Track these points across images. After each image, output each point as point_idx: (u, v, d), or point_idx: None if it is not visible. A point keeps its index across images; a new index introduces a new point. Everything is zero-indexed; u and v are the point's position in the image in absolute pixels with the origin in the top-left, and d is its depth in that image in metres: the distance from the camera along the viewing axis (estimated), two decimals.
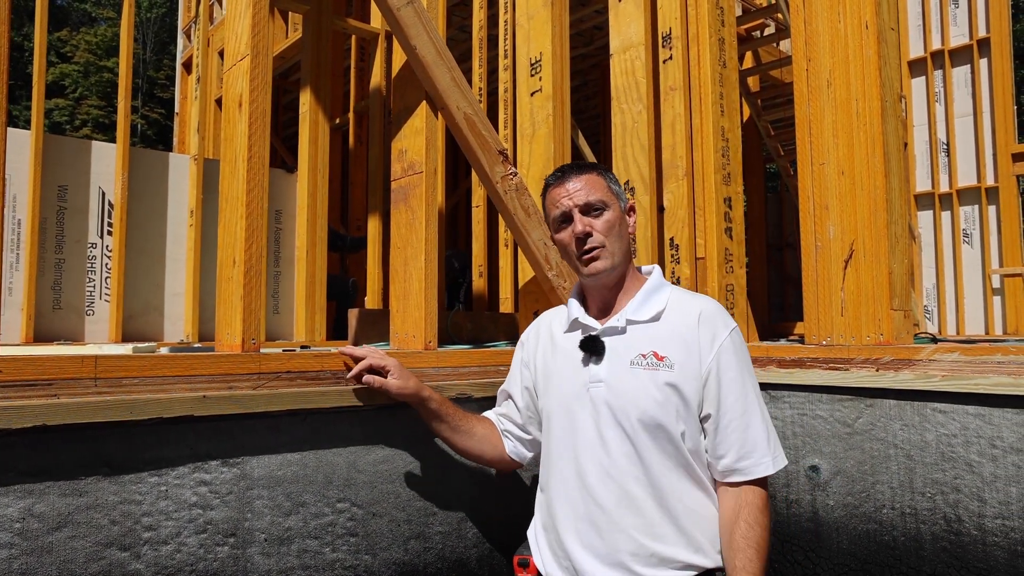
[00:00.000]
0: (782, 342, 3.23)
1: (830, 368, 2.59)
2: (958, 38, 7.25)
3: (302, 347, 3.52)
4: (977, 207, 6.91)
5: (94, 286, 3.68)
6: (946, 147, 7.16)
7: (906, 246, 2.64)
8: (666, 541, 1.58)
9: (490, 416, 1.97)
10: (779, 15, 5.42)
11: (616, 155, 3.02)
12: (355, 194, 5.00)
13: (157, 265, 3.83)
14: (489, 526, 2.35)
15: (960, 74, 7.26)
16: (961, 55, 7.23)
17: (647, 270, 1.81)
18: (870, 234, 2.60)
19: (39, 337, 3.56)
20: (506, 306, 4.07)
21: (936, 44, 7.38)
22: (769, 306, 6.72)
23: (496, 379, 2.36)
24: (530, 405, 1.89)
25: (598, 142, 7.08)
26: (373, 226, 4.21)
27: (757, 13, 5.56)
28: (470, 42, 4.31)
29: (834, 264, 2.68)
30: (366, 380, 1.87)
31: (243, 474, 1.92)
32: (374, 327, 3.78)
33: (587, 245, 1.66)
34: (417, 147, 2.26)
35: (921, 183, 7.27)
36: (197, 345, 3.35)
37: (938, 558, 2.33)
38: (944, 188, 7.12)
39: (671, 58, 3.05)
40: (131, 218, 3.72)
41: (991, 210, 6.85)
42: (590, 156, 4.77)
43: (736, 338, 1.68)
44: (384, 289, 4.04)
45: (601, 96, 6.74)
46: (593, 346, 1.67)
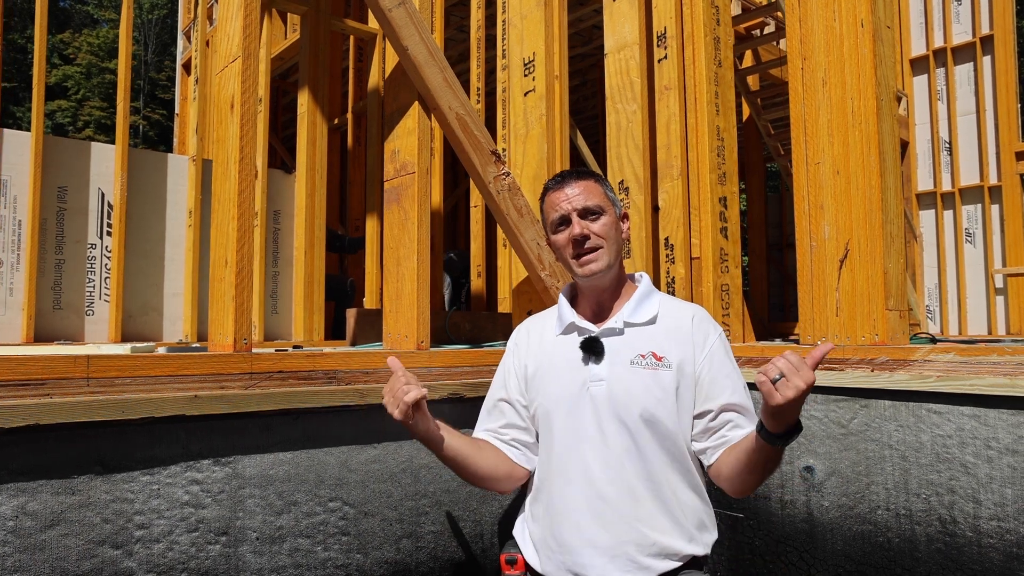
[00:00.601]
0: (777, 342, 3.22)
1: (825, 368, 2.59)
2: (961, 35, 7.22)
3: (294, 347, 3.53)
4: (980, 206, 6.88)
5: (94, 286, 3.70)
6: (948, 146, 7.13)
7: (901, 246, 2.64)
8: (665, 532, 1.64)
9: (484, 436, 1.87)
10: (779, 13, 5.41)
11: (611, 155, 3.02)
12: (354, 194, 5.01)
13: (156, 266, 3.85)
14: (481, 525, 2.35)
15: (963, 72, 7.23)
16: (964, 52, 7.20)
17: (636, 277, 1.86)
18: (865, 234, 2.60)
19: (40, 337, 3.58)
20: (504, 306, 4.07)
21: (938, 42, 7.35)
22: (769, 306, 6.71)
23: (488, 379, 2.36)
24: (525, 412, 1.89)
25: (598, 142, 7.07)
26: (371, 226, 4.22)
27: (757, 12, 5.55)
28: (468, 42, 4.30)
29: (829, 264, 2.67)
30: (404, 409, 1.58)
31: (235, 473, 1.93)
32: (372, 327, 3.79)
33: (584, 247, 1.71)
34: (410, 147, 2.27)
35: (923, 182, 7.25)
36: (195, 345, 3.37)
37: (933, 560, 2.32)
38: (946, 187, 7.10)
39: (666, 57, 3.05)
40: (130, 219, 3.73)
41: (994, 209, 6.82)
42: (589, 156, 4.76)
43: (724, 340, 1.79)
44: (383, 289, 4.05)
45: (600, 96, 6.74)
46: (593, 347, 1.72)
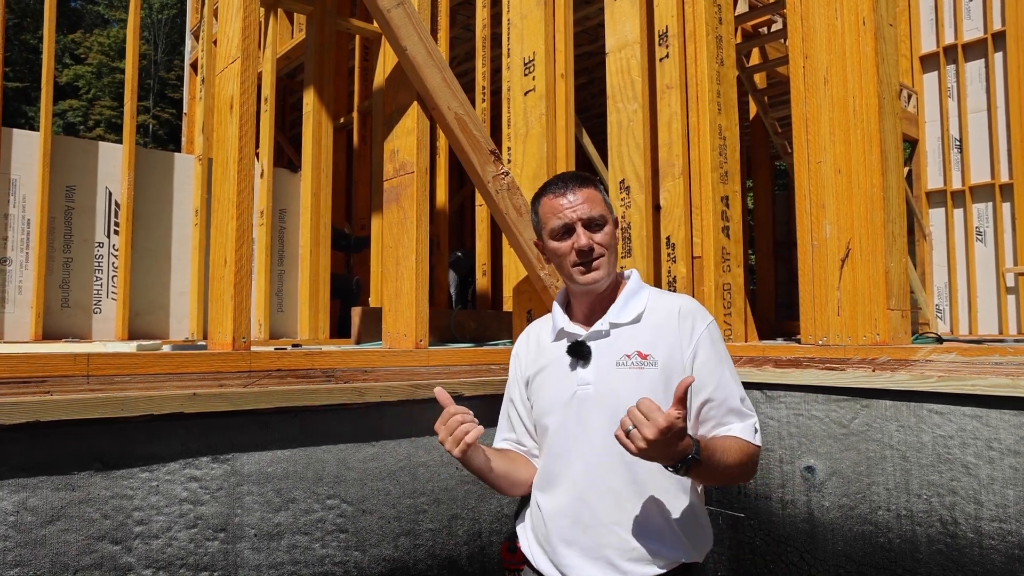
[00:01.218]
0: (779, 341, 3.21)
1: (826, 368, 2.58)
2: (972, 32, 7.15)
3: (293, 345, 3.55)
4: (991, 204, 6.82)
5: (101, 285, 3.74)
6: (959, 143, 7.07)
7: (903, 245, 2.62)
8: (649, 537, 1.62)
9: (506, 446, 1.89)
10: (785, 11, 5.38)
11: (612, 153, 3.02)
12: (359, 193, 5.03)
13: (163, 264, 3.88)
14: (479, 524, 2.36)
15: (974, 68, 7.16)
16: (975, 49, 7.13)
17: (626, 274, 1.84)
18: (867, 233, 2.59)
19: (48, 335, 3.62)
20: (509, 305, 4.08)
21: (949, 38, 7.28)
22: (777, 304, 6.68)
23: (488, 377, 2.37)
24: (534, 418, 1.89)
25: (604, 140, 7.07)
26: (377, 225, 4.23)
27: (764, 9, 5.52)
28: (474, 41, 4.31)
29: (830, 263, 2.66)
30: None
31: (233, 470, 1.94)
32: (377, 326, 3.80)
33: (590, 257, 1.70)
34: (408, 147, 2.28)
35: (933, 180, 7.19)
36: (200, 343, 3.39)
37: (934, 561, 2.31)
38: (957, 185, 7.03)
39: (668, 56, 3.04)
40: (137, 218, 3.77)
41: (1005, 207, 6.75)
42: (595, 155, 4.76)
43: (713, 330, 1.73)
44: (382, 288, 4.06)
45: (606, 94, 6.71)
46: (579, 351, 1.72)
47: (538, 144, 2.73)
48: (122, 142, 3.85)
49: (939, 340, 3.16)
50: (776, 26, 5.78)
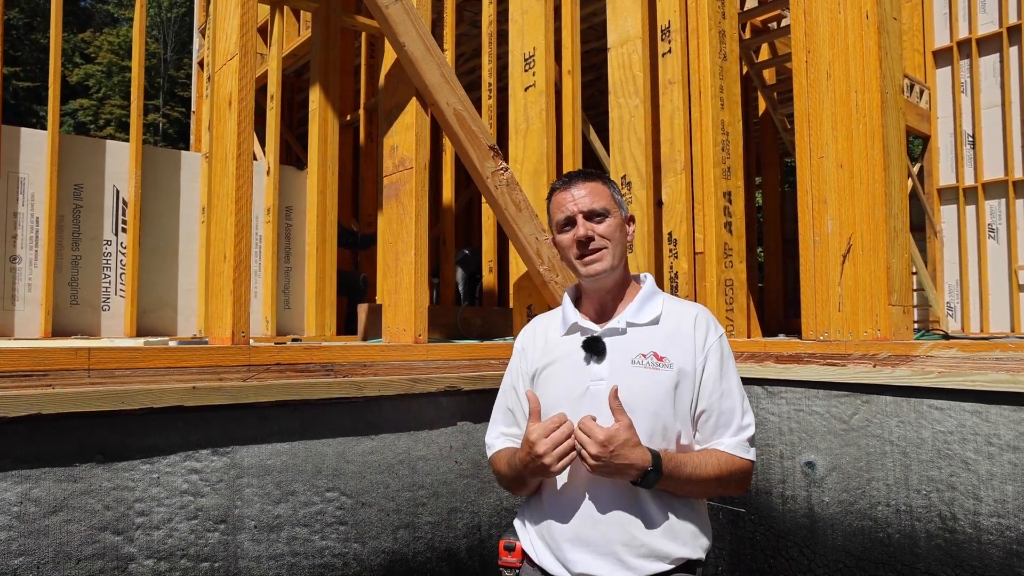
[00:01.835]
0: (780, 337, 3.21)
1: (827, 364, 2.57)
2: (987, 26, 7.07)
3: (293, 340, 3.58)
4: (1004, 201, 6.74)
5: (109, 282, 3.78)
6: (972, 139, 7.00)
7: (905, 241, 2.61)
8: (656, 534, 1.64)
9: (506, 443, 1.88)
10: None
11: (613, 149, 3.02)
12: (366, 190, 5.05)
13: (170, 261, 3.92)
14: (479, 517, 2.38)
15: (988, 63, 7.08)
16: (990, 43, 7.04)
17: (641, 278, 1.86)
18: (868, 228, 2.58)
19: (57, 332, 3.67)
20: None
21: (963, 33, 7.19)
22: (786, 302, 6.65)
23: (487, 372, 2.39)
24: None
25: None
26: (383, 222, 4.25)
27: (773, 4, 5.49)
28: (481, 37, 4.32)
29: (832, 259, 2.65)
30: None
31: (233, 463, 1.97)
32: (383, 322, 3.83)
33: (588, 248, 1.72)
34: (408, 143, 2.29)
35: (945, 177, 7.12)
36: (207, 339, 3.43)
37: (932, 556, 2.30)
38: (969, 181, 6.96)
39: (670, 51, 3.04)
40: (145, 216, 3.81)
41: (1019, 204, 6.68)
42: (601, 151, 4.76)
43: (724, 343, 1.78)
44: (382, 284, 4.08)
45: None
46: (595, 346, 1.73)
47: (538, 140, 2.74)
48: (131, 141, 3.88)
49: (946, 337, 3.14)
50: (785, 21, 5.76)
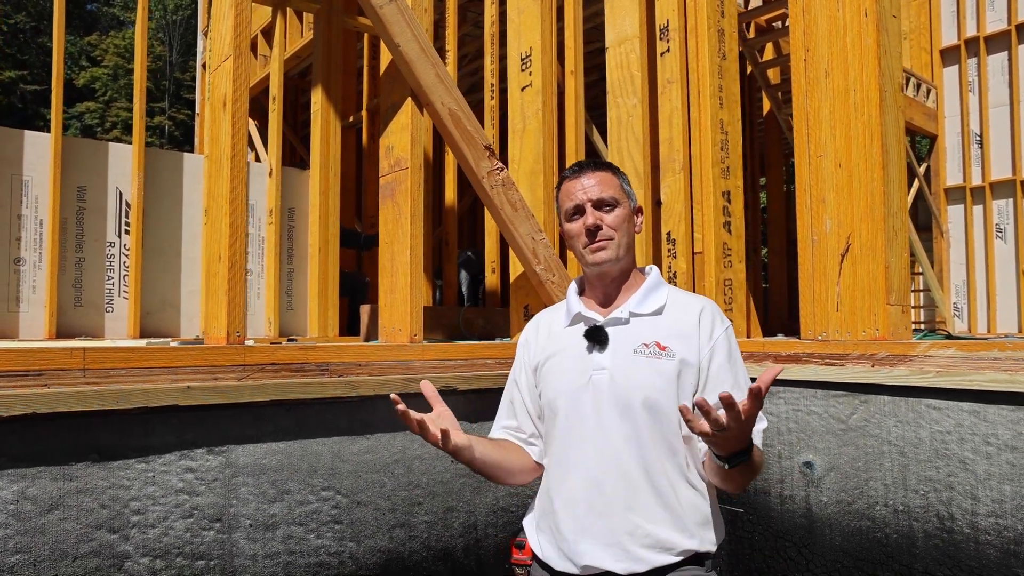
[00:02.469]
0: (780, 337, 3.19)
1: (825, 363, 2.56)
2: (995, 23, 7.01)
3: (288, 340, 3.59)
4: (1012, 200, 6.69)
5: (113, 284, 3.81)
6: (979, 138, 6.95)
7: (905, 240, 2.60)
8: (661, 524, 1.63)
9: (504, 435, 1.89)
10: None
11: (611, 148, 3.02)
12: (370, 191, 5.07)
13: (173, 263, 3.94)
14: (475, 517, 2.38)
15: (996, 61, 7.03)
16: (998, 41, 6.99)
17: (647, 269, 1.86)
18: (867, 228, 2.57)
19: (61, 333, 3.69)
20: None
21: (971, 31, 7.15)
22: (789, 301, 6.62)
23: (483, 372, 2.39)
24: (539, 405, 1.89)
25: None
26: (380, 223, 4.26)
27: (777, 3, 5.48)
28: (484, 38, 4.32)
29: (830, 258, 2.64)
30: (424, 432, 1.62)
31: (228, 462, 1.98)
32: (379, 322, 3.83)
33: (596, 237, 1.72)
34: (403, 143, 2.30)
35: (952, 177, 7.07)
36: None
37: (930, 556, 2.29)
38: (976, 181, 6.92)
39: (668, 51, 3.03)
40: (148, 217, 3.83)
41: None
42: (604, 152, 4.76)
43: (730, 335, 1.76)
44: (379, 284, 4.09)
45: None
46: (597, 336, 1.73)
47: (535, 140, 2.74)
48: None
49: (948, 337, 3.13)
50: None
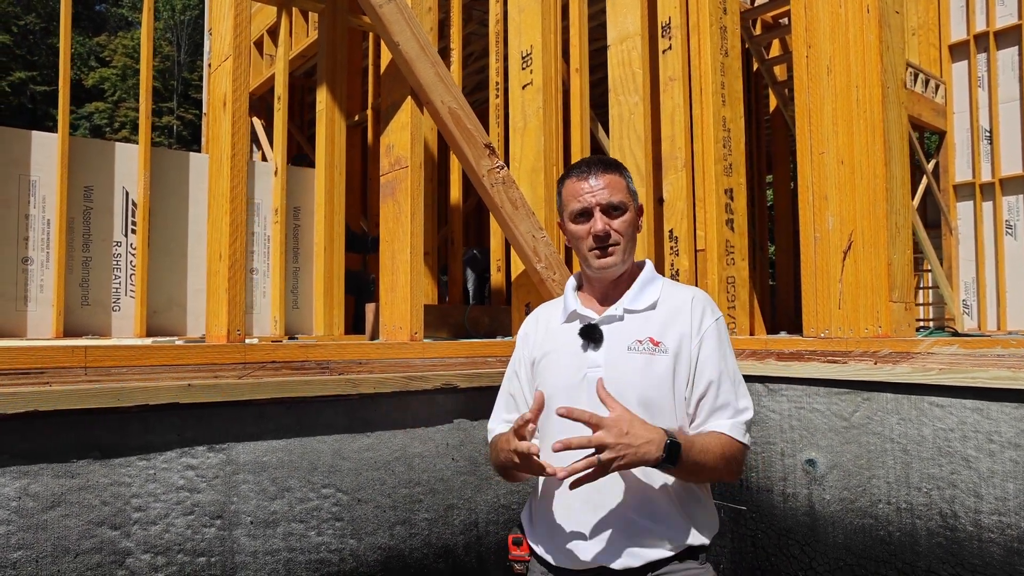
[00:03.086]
0: (782, 335, 3.18)
1: (828, 361, 2.55)
2: (1005, 18, 6.95)
3: (289, 338, 3.60)
4: (1022, 197, 6.64)
5: (120, 283, 3.83)
6: (989, 134, 6.90)
7: (907, 237, 2.58)
8: (657, 519, 1.64)
9: (505, 429, 1.87)
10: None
11: (613, 146, 3.02)
12: (375, 189, 5.07)
13: (179, 262, 3.96)
14: (476, 514, 2.39)
15: (1006, 57, 6.97)
16: (1008, 36, 6.93)
17: (639, 263, 1.86)
18: (869, 224, 2.56)
19: (69, 332, 3.72)
20: None
21: (980, 26, 7.09)
22: (797, 299, 6.59)
23: (484, 370, 2.40)
24: None
25: None
26: (380, 221, 4.27)
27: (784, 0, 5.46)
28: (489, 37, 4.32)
29: (833, 255, 2.63)
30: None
31: (229, 459, 1.99)
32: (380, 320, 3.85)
33: (606, 243, 1.72)
34: (403, 142, 2.31)
35: (961, 173, 7.02)
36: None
37: (933, 554, 2.28)
38: (986, 177, 6.87)
39: (670, 48, 3.03)
40: (154, 217, 3.85)
41: None
42: (608, 149, 4.76)
43: (721, 325, 1.77)
44: (380, 282, 4.09)
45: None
46: (592, 333, 1.74)
47: (535, 138, 2.74)
48: (151, 143, 3.93)
49: (955, 334, 3.11)
50: None
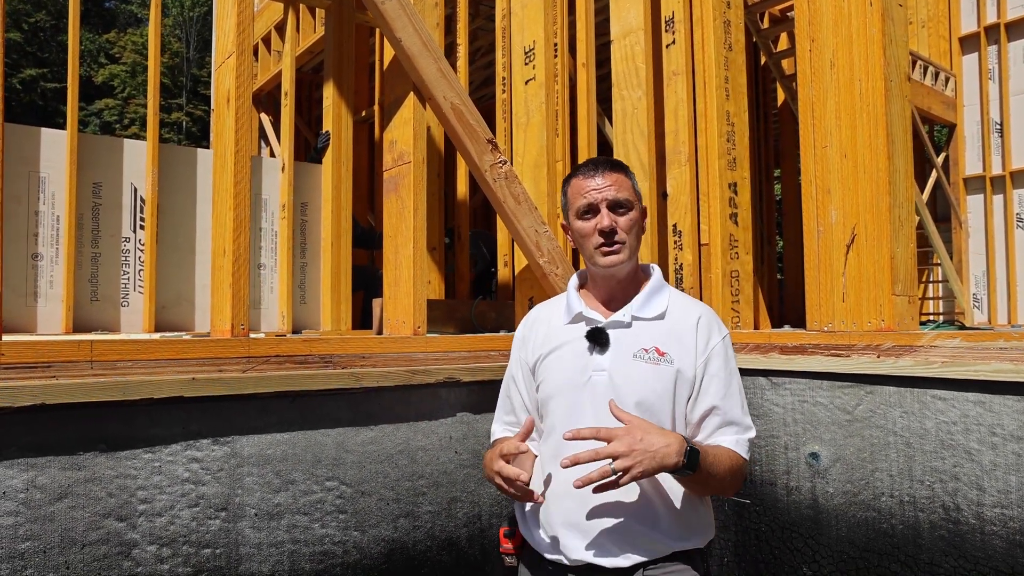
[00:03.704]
0: (786, 328, 3.18)
1: (831, 354, 2.55)
2: (1016, 9, 6.89)
3: (294, 332, 3.62)
4: None
5: (128, 279, 3.86)
6: (999, 127, 6.85)
7: (911, 230, 2.58)
8: (652, 524, 1.65)
9: (505, 431, 1.93)
10: None
11: (616, 141, 3.02)
12: (382, 185, 5.09)
13: (187, 258, 3.98)
14: (479, 507, 2.40)
15: (1017, 48, 6.91)
16: (1019, 28, 6.87)
17: (648, 269, 1.87)
18: (872, 218, 2.55)
19: (78, 328, 3.75)
20: None
21: (991, 17, 7.03)
22: (804, 293, 6.57)
23: (486, 364, 2.41)
24: (537, 400, 1.91)
25: None
26: (384, 216, 4.28)
27: None
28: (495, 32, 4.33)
29: (836, 249, 2.63)
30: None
31: (233, 452, 2.02)
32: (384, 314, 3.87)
33: (611, 240, 1.73)
34: (406, 137, 2.32)
35: (971, 166, 6.97)
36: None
37: (936, 547, 2.28)
38: (996, 170, 6.82)
39: (674, 42, 3.02)
40: (162, 213, 3.88)
41: None
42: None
43: (727, 343, 1.79)
44: (383, 277, 4.10)
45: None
46: (599, 337, 1.74)
47: (538, 133, 2.75)
48: (160, 140, 3.96)
49: (962, 328, 3.10)
50: None
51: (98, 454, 1.86)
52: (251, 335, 2.09)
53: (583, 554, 1.65)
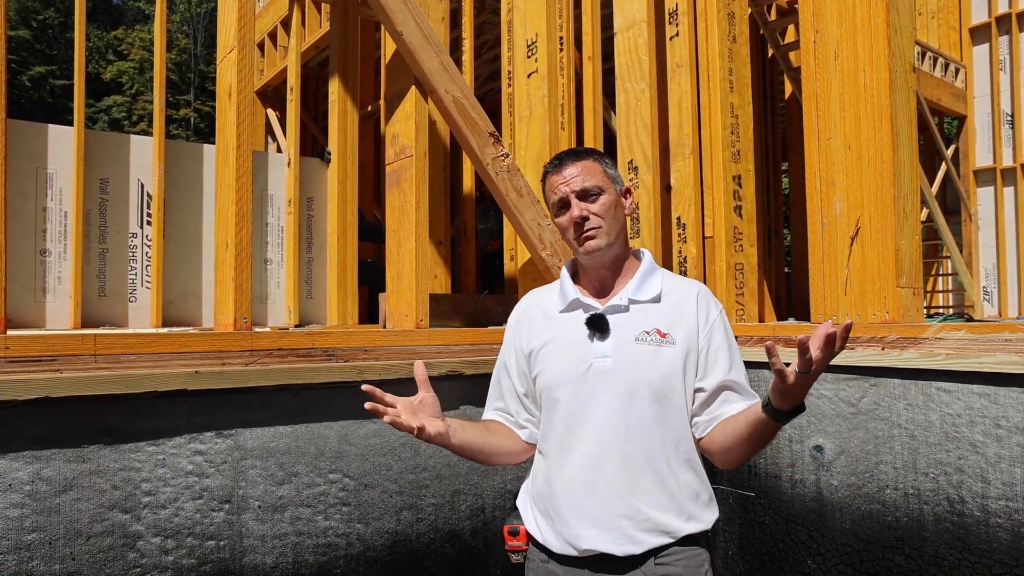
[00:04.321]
0: (791, 321, 3.17)
1: None
2: None
3: (295, 326, 3.63)
4: None
5: (136, 274, 3.89)
6: (1010, 119, 6.78)
7: (916, 222, 2.56)
8: (660, 507, 1.65)
9: (493, 416, 1.93)
10: None
11: (620, 134, 3.01)
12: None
13: (194, 253, 4.01)
14: (482, 500, 2.41)
15: None
16: None
17: (639, 253, 1.86)
18: (877, 210, 2.54)
19: (87, 323, 3.78)
20: None
21: (1003, 7, 6.96)
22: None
23: (489, 356, 2.41)
24: (531, 389, 1.91)
25: None
26: (387, 210, 4.29)
27: None
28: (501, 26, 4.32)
29: (840, 241, 2.62)
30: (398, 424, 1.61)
31: (237, 445, 2.03)
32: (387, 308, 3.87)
33: (584, 228, 1.73)
34: (408, 131, 2.32)
35: (982, 158, 6.92)
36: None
37: (940, 539, 2.27)
38: (1008, 162, 6.76)
39: (677, 35, 3.01)
40: (169, 208, 3.90)
41: None
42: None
43: (723, 316, 1.79)
44: (386, 270, 4.10)
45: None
46: (599, 323, 1.74)
47: (540, 126, 2.75)
48: (169, 136, 3.97)
49: (970, 320, 3.08)
50: None
51: (102, 447, 1.88)
52: (256, 329, 2.10)
53: (594, 543, 1.65)
